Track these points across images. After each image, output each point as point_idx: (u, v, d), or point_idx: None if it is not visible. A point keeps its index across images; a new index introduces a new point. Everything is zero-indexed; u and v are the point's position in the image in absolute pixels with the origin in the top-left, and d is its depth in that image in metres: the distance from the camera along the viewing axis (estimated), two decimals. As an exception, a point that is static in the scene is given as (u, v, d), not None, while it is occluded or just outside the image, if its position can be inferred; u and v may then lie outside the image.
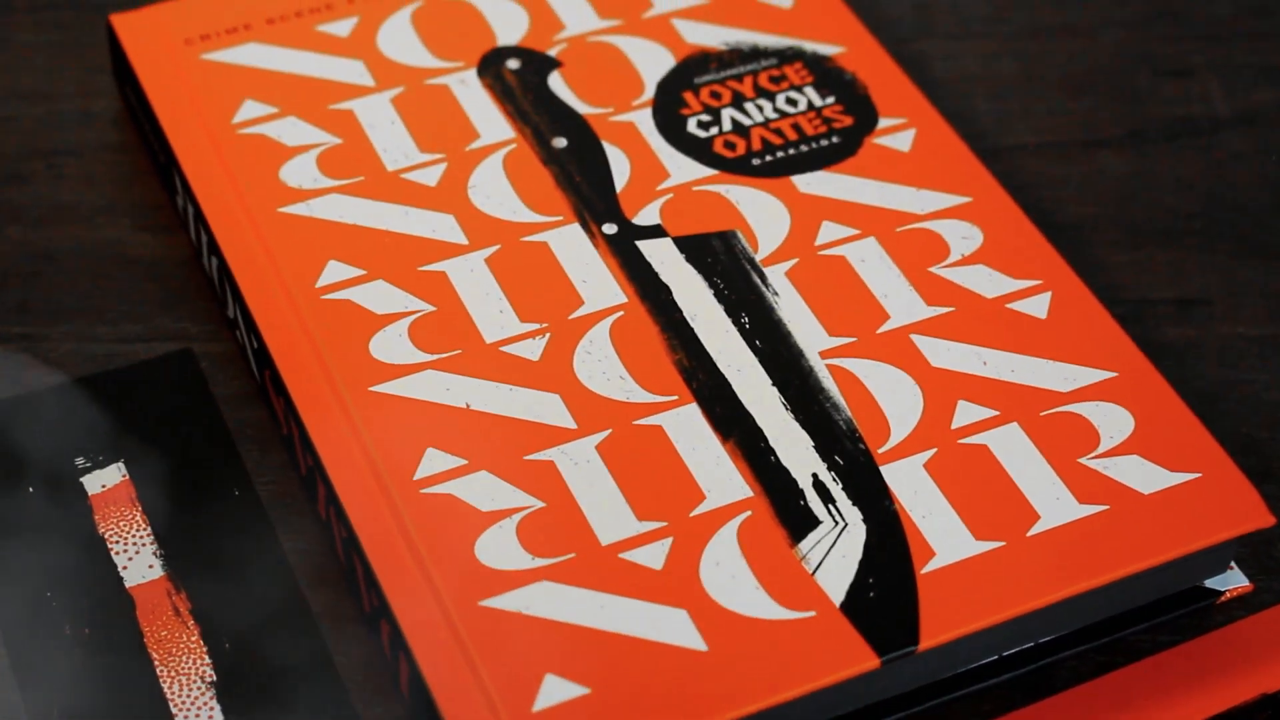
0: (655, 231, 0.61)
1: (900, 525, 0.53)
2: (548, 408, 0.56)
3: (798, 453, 0.55)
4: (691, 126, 0.64)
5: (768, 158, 0.63)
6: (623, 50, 0.66)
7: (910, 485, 0.54)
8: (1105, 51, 0.72)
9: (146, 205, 0.66)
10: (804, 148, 0.63)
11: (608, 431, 0.55)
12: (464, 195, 0.62)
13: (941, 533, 0.53)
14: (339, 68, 0.66)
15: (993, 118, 0.70)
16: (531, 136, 0.63)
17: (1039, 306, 0.59)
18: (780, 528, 0.54)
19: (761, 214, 0.61)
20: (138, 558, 0.56)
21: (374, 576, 0.53)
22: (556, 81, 0.65)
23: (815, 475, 0.55)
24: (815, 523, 0.54)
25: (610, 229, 0.61)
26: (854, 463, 0.55)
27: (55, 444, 0.58)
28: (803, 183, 0.62)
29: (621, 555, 0.53)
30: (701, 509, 0.54)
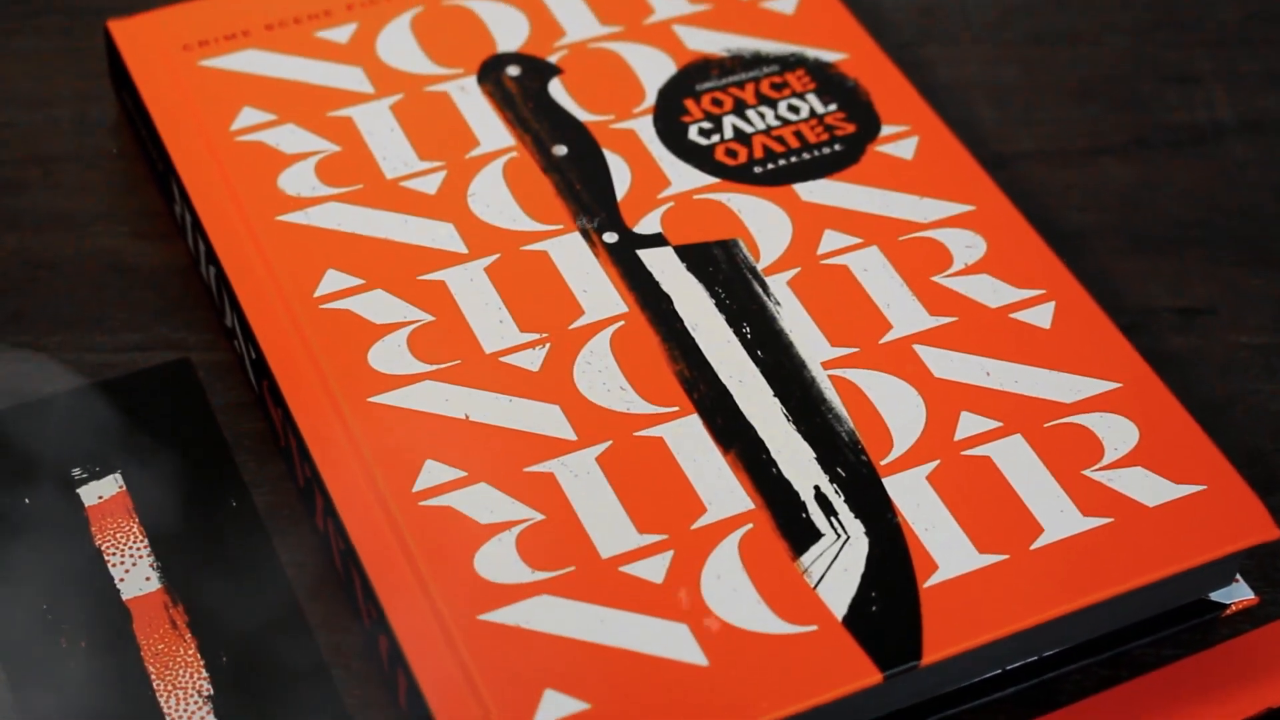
0: (656, 240, 0.60)
1: (903, 538, 0.53)
2: (548, 419, 0.56)
3: (800, 465, 0.55)
4: (693, 134, 0.63)
5: (769, 166, 0.63)
6: (623, 57, 0.66)
7: (913, 498, 0.54)
8: (1109, 58, 0.72)
9: (144, 213, 0.65)
10: (806, 155, 0.63)
11: (608, 443, 0.55)
12: (464, 203, 0.61)
13: (944, 546, 0.53)
14: (338, 74, 0.65)
15: (996, 125, 0.69)
16: (531, 144, 0.63)
17: (1043, 316, 0.59)
18: (782, 541, 0.53)
19: (763, 222, 0.61)
20: (135, 570, 0.55)
21: (372, 589, 0.52)
22: (557, 88, 0.65)
23: (817, 487, 0.54)
24: (817, 536, 0.53)
25: (611, 238, 0.60)
26: (856, 475, 0.54)
27: (52, 454, 0.58)
28: (805, 191, 0.62)
29: (622, 569, 0.52)
30: (702, 521, 0.53)
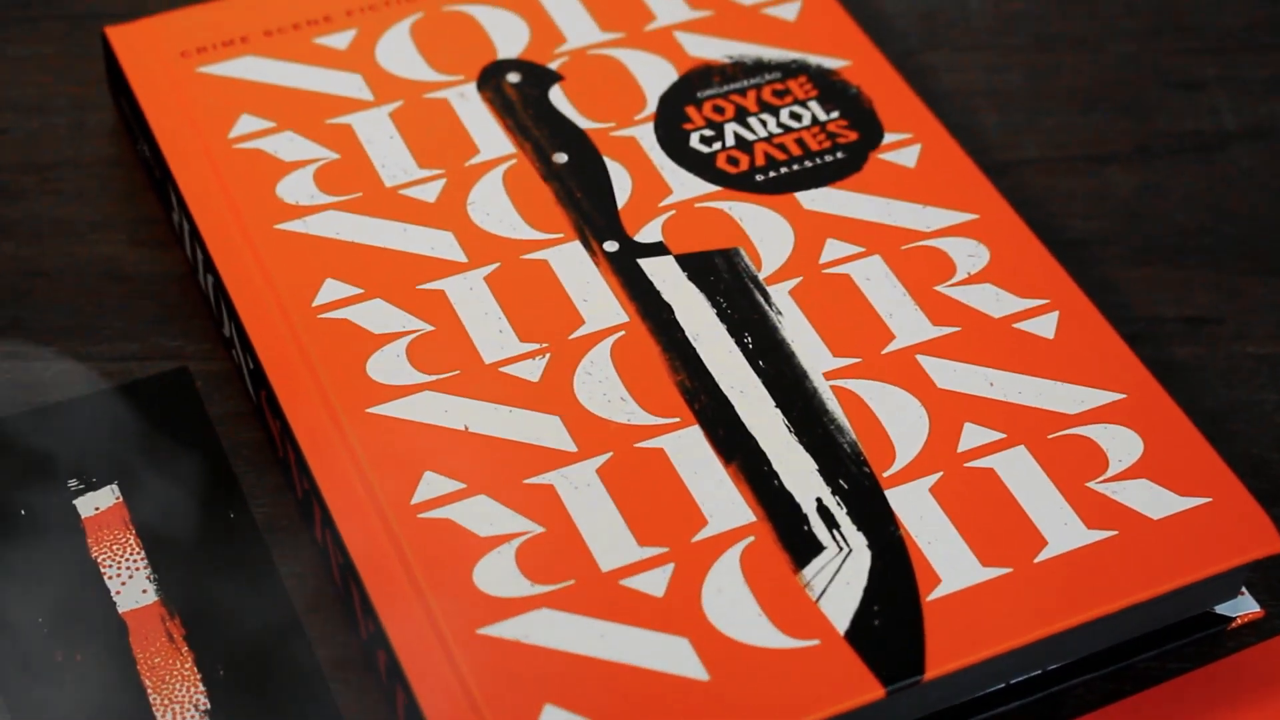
0: (657, 249, 0.60)
1: (905, 551, 0.53)
2: (547, 430, 0.55)
3: (801, 477, 0.54)
4: (694, 141, 0.63)
5: (771, 174, 0.62)
6: (624, 63, 0.65)
7: (916, 510, 0.54)
8: (1113, 64, 0.72)
9: (142, 220, 0.65)
10: (808, 163, 0.62)
11: (608, 454, 0.55)
12: (463, 212, 0.61)
13: (947, 559, 0.53)
14: (337, 81, 0.65)
15: (999, 132, 0.69)
16: (532, 152, 0.63)
17: (1046, 326, 0.58)
18: (784, 553, 0.53)
19: (765, 231, 0.60)
20: (131, 582, 0.55)
21: (370, 602, 0.52)
22: (557, 95, 0.64)
23: (819, 500, 0.54)
24: (819, 548, 0.53)
25: (611, 246, 0.60)
26: (858, 487, 0.54)
27: (48, 465, 0.57)
28: (807, 199, 0.61)
29: (622, 582, 0.52)
30: (704, 534, 0.53)
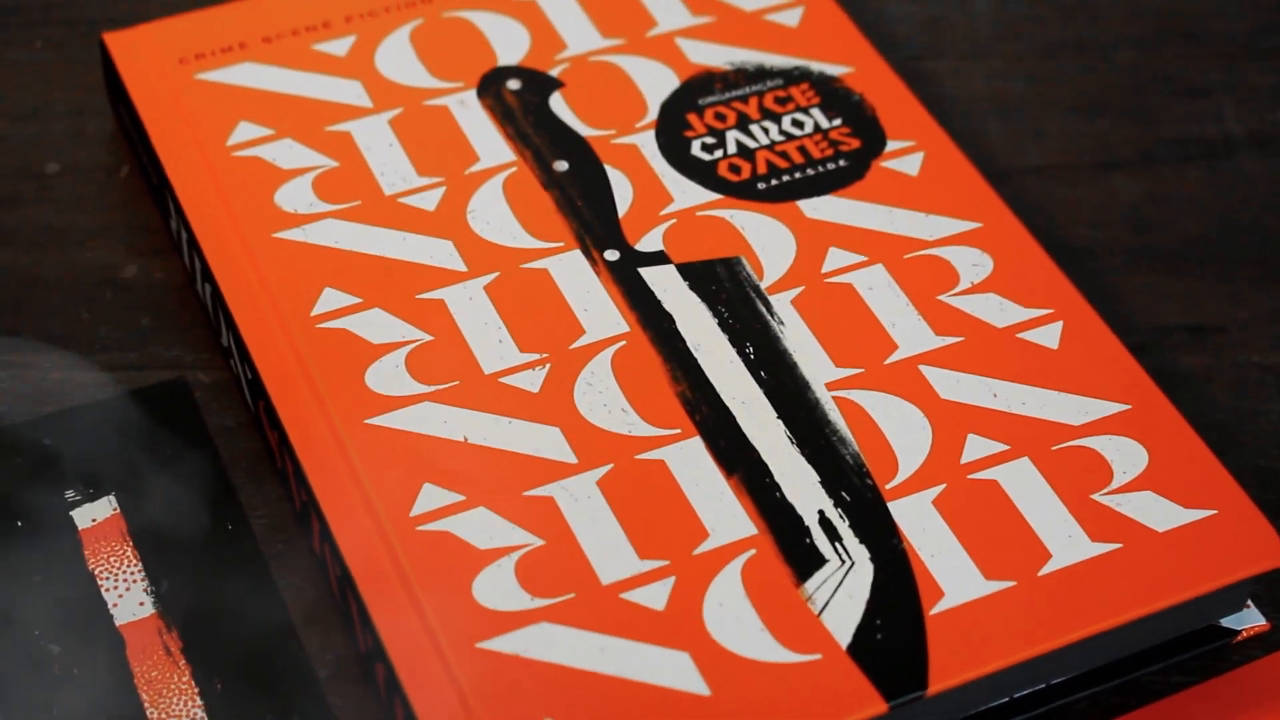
0: (658, 258, 0.59)
1: (908, 564, 0.52)
2: (547, 441, 0.55)
3: (804, 489, 0.54)
4: (695, 149, 0.63)
5: (773, 182, 0.62)
6: (625, 70, 0.65)
7: (919, 523, 0.53)
8: (1117, 71, 0.71)
9: (140, 228, 0.65)
10: (810, 171, 0.62)
11: (609, 466, 0.54)
12: (463, 220, 0.60)
13: (951, 572, 0.52)
14: (336, 88, 0.64)
15: (1002, 139, 0.68)
16: (532, 159, 0.62)
17: (1050, 336, 0.58)
18: (785, 567, 0.52)
19: (767, 240, 0.60)
20: (128, 595, 0.55)
21: (369, 616, 0.52)
22: (558, 102, 0.64)
23: (821, 512, 0.53)
24: (821, 561, 0.52)
25: (612, 255, 0.60)
26: (861, 499, 0.54)
27: (44, 476, 0.57)
28: (809, 208, 0.61)
29: (622, 595, 0.52)
30: (705, 547, 0.53)
